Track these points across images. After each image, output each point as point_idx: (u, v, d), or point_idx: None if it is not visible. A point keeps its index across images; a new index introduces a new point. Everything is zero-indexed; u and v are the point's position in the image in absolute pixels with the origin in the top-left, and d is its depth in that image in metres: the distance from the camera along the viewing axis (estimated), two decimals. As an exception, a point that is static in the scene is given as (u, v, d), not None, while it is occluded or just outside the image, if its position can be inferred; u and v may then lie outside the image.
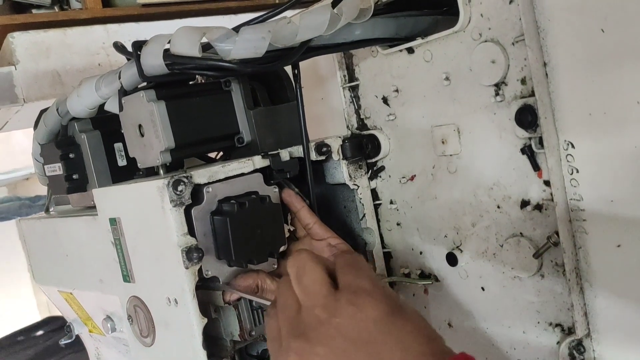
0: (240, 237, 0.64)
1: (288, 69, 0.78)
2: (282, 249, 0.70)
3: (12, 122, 1.40)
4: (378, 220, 0.85)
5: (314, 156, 0.76)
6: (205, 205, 0.65)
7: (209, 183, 0.65)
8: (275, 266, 0.71)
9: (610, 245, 0.62)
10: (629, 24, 0.56)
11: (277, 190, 0.72)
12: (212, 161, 0.83)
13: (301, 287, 0.53)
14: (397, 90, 0.79)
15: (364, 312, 0.48)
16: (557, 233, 0.65)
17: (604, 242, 0.62)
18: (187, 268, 0.62)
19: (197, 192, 0.65)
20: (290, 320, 0.52)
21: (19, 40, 1.18)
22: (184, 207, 0.63)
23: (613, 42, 0.57)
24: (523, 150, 0.66)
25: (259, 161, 0.71)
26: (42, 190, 0.96)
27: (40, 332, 2.77)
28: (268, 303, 0.62)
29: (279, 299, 0.56)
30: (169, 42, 0.64)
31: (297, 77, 0.73)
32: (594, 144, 0.61)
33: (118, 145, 0.81)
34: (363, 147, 0.82)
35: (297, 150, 0.75)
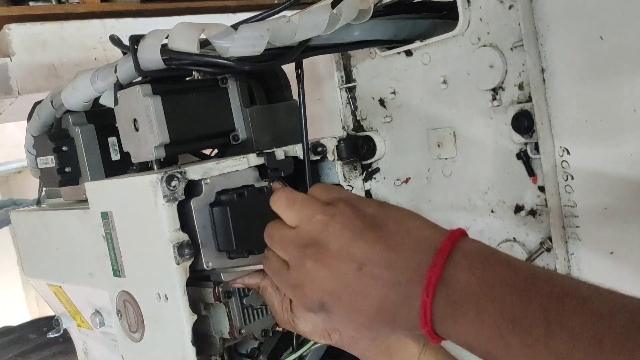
0: (241, 226, 0.64)
1: (286, 68, 0.78)
2: None
3: (5, 114, 1.39)
4: (371, 222, 0.85)
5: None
6: (204, 197, 0.65)
7: (213, 177, 0.65)
8: None
9: (603, 252, 0.62)
10: (627, 32, 0.56)
11: (273, 182, 0.71)
12: (206, 158, 0.83)
13: (294, 211, 0.53)
14: (394, 93, 0.79)
15: (361, 209, 0.50)
16: (550, 239, 0.65)
17: (597, 249, 0.62)
18: (178, 264, 0.62)
19: (195, 186, 0.65)
20: (293, 240, 0.52)
21: (15, 32, 1.18)
22: (176, 202, 0.62)
23: (611, 50, 0.57)
24: (519, 156, 0.66)
25: (254, 159, 0.70)
26: (36, 185, 0.96)
27: (28, 328, 2.75)
28: (261, 267, 0.61)
29: (273, 235, 0.56)
30: (166, 37, 0.64)
31: (300, 76, 0.72)
32: (590, 150, 0.61)
33: (112, 140, 0.81)
34: (358, 148, 0.82)
35: (293, 150, 0.74)
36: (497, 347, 0.41)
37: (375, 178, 0.84)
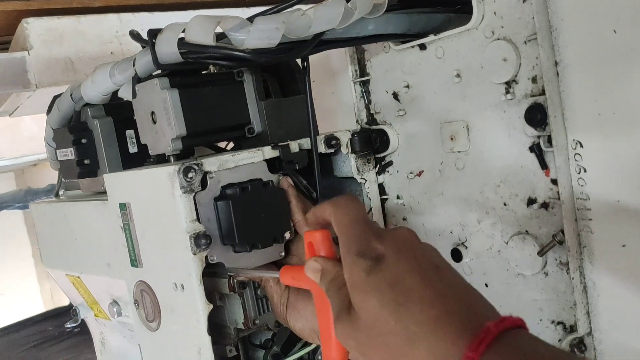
0: (244, 221, 0.65)
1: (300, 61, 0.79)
2: (287, 235, 0.70)
3: (22, 108, 1.41)
4: (384, 215, 0.86)
5: (323, 149, 0.76)
6: (209, 191, 0.66)
7: (219, 171, 0.66)
8: (283, 254, 0.71)
9: (615, 245, 0.62)
10: (641, 26, 0.56)
11: (282, 178, 0.72)
12: (221, 151, 0.84)
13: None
14: (407, 86, 0.80)
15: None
16: (562, 231, 0.65)
17: (609, 242, 0.63)
18: (194, 254, 0.63)
19: (202, 179, 0.66)
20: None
21: (33, 26, 1.19)
22: (193, 194, 0.64)
23: (624, 43, 0.58)
24: (531, 149, 0.67)
25: (268, 152, 0.71)
26: (51, 177, 0.97)
27: (42, 320, 2.79)
28: (277, 275, 0.62)
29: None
30: (183, 31, 0.65)
31: (305, 69, 0.73)
32: (603, 143, 0.61)
33: (129, 132, 0.82)
34: (372, 142, 0.83)
35: (307, 142, 0.75)
36: None
37: (388, 171, 0.85)
